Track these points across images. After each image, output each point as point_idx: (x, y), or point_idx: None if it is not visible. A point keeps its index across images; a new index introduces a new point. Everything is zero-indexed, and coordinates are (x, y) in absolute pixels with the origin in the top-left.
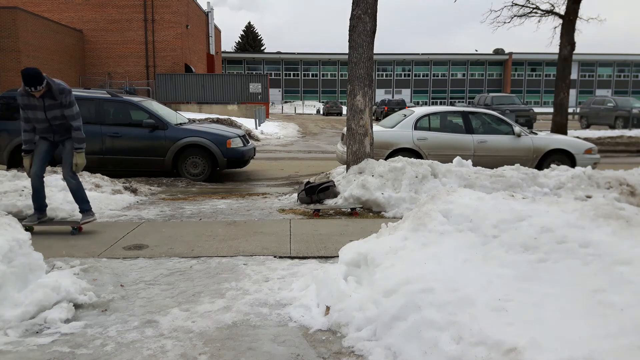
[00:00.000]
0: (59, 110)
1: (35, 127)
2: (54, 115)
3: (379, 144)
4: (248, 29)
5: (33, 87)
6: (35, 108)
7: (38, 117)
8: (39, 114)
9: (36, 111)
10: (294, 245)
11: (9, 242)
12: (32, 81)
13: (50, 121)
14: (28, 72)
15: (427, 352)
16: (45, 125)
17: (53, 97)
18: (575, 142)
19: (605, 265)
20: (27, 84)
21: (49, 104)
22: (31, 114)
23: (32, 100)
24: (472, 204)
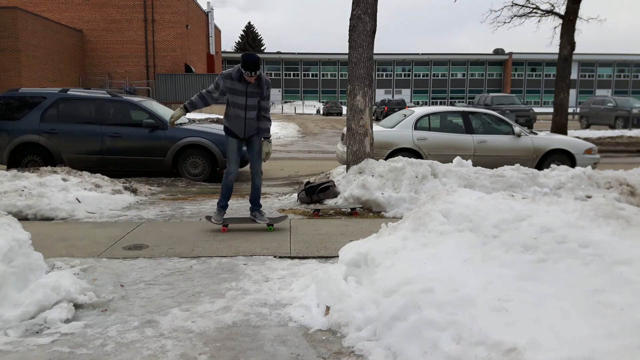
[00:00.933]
0: (257, 99)
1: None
2: (252, 104)
3: (379, 144)
4: (248, 29)
5: (253, 72)
6: (238, 93)
7: (238, 101)
8: (240, 99)
9: (238, 96)
10: (294, 245)
11: (9, 242)
12: (253, 66)
13: (247, 109)
14: (250, 57)
15: (427, 352)
16: (241, 114)
17: (259, 86)
18: (575, 142)
19: (605, 265)
20: (248, 68)
21: (251, 91)
22: (231, 98)
23: (235, 85)
24: (472, 204)
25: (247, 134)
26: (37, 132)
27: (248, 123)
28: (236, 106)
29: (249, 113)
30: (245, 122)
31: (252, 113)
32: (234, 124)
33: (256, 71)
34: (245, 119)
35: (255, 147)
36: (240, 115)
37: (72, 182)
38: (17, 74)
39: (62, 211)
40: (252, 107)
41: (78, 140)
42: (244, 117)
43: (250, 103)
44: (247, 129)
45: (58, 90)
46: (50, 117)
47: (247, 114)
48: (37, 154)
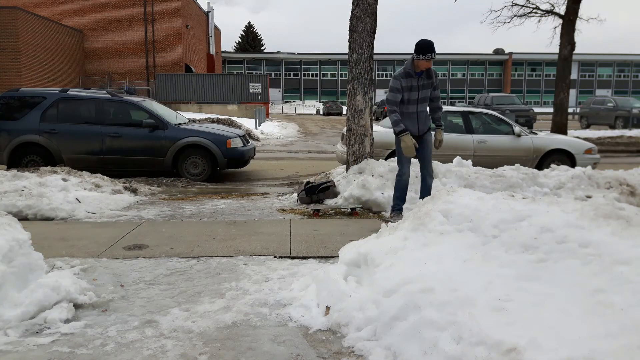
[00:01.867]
0: (429, 91)
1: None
2: (424, 96)
3: (379, 144)
4: (248, 29)
5: (431, 55)
6: (412, 89)
7: (411, 97)
8: (413, 95)
9: (412, 92)
10: (294, 245)
11: (9, 242)
12: (430, 48)
13: (419, 103)
14: (425, 40)
15: (427, 352)
16: (412, 109)
17: (429, 77)
18: (575, 142)
19: (605, 265)
20: (426, 51)
21: (423, 84)
22: (406, 95)
23: (410, 81)
24: (472, 204)
25: (421, 130)
26: (37, 132)
27: (420, 118)
28: (409, 102)
29: (420, 107)
30: (418, 116)
31: (423, 106)
32: (408, 122)
33: (432, 54)
34: (417, 112)
35: (428, 145)
36: (412, 111)
37: (72, 182)
38: (17, 74)
39: (62, 211)
40: (423, 100)
41: (78, 140)
42: (415, 111)
43: (422, 96)
44: (420, 124)
45: (58, 90)
46: (50, 117)
47: (418, 107)
48: (37, 154)
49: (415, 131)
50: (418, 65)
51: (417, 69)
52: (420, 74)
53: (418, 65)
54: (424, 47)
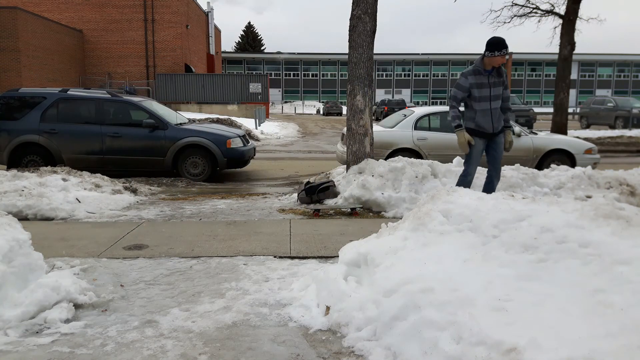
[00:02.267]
0: (500, 89)
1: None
2: (497, 94)
3: (379, 144)
4: (248, 29)
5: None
6: (482, 86)
7: (483, 94)
8: (485, 91)
9: (482, 89)
10: (294, 245)
11: (9, 242)
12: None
13: (492, 100)
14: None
15: (427, 352)
16: (486, 106)
17: (499, 75)
18: (575, 142)
19: (605, 265)
20: (498, 47)
21: (494, 81)
22: (477, 92)
23: (480, 79)
24: (472, 204)
25: (495, 128)
26: (37, 132)
27: (494, 115)
28: (481, 99)
29: (494, 103)
30: (492, 113)
31: (497, 103)
32: (482, 120)
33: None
34: (491, 109)
35: (499, 146)
36: (486, 108)
37: (72, 182)
38: (17, 74)
39: (62, 211)
40: (496, 97)
41: (78, 140)
42: (489, 108)
43: (495, 93)
44: (495, 122)
45: (58, 90)
46: (50, 117)
47: (492, 104)
48: (37, 154)
49: (490, 128)
50: (491, 62)
51: (488, 67)
52: (490, 71)
53: (491, 62)
54: (497, 43)
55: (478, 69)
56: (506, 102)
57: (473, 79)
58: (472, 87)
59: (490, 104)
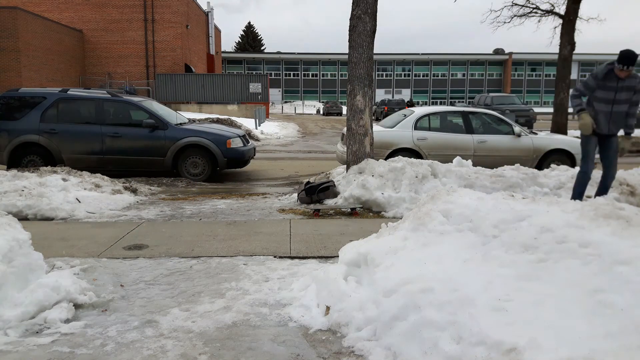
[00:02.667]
0: (628, 94)
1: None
2: (622, 98)
3: (379, 144)
4: (248, 29)
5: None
6: (608, 88)
7: (607, 97)
8: (609, 94)
9: (608, 91)
10: (294, 245)
11: (9, 242)
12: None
13: (614, 103)
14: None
15: (427, 352)
16: (607, 109)
17: (630, 81)
18: (575, 142)
19: (605, 265)
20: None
21: (622, 86)
22: (600, 93)
23: (608, 82)
24: (472, 204)
25: (610, 130)
26: (37, 132)
27: (613, 117)
28: (603, 101)
29: (616, 107)
30: (611, 115)
31: (621, 107)
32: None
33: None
34: (611, 112)
35: (613, 145)
36: (606, 110)
37: (72, 182)
38: (17, 74)
39: (62, 211)
40: (620, 101)
41: (78, 140)
42: (610, 110)
43: (620, 98)
44: (612, 124)
45: (58, 90)
46: (50, 117)
47: (613, 107)
48: (37, 154)
49: (606, 130)
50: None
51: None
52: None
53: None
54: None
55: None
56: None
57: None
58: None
59: (612, 107)
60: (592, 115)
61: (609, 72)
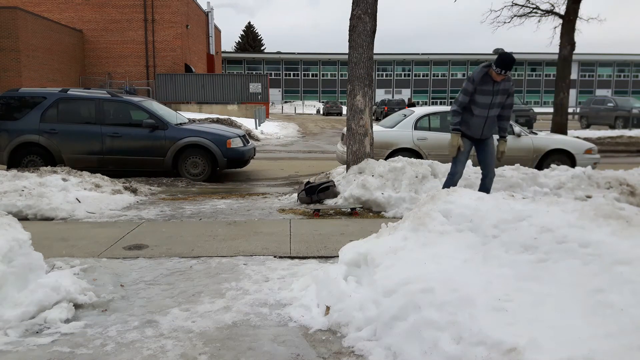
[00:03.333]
0: (503, 97)
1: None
2: (497, 102)
3: (379, 144)
4: (248, 29)
5: (504, 71)
6: (486, 92)
7: (485, 101)
8: (487, 99)
9: (485, 95)
10: (294, 245)
11: (9, 242)
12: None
13: (490, 107)
14: (508, 56)
15: (427, 352)
16: (483, 114)
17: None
18: (575, 142)
19: (605, 265)
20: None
21: (497, 89)
22: (479, 98)
23: (485, 86)
24: (472, 204)
25: (484, 135)
26: (37, 132)
27: (488, 122)
28: (480, 106)
29: (492, 111)
30: (486, 121)
31: (495, 111)
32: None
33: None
34: (487, 117)
35: (488, 148)
36: (483, 115)
37: (72, 182)
38: (17, 74)
39: (62, 211)
40: (495, 105)
41: (78, 140)
42: (486, 115)
43: (496, 101)
44: (486, 129)
45: (58, 90)
46: (50, 117)
47: (489, 112)
48: (37, 154)
49: (479, 134)
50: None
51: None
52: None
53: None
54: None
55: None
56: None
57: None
58: (478, 91)
59: (489, 112)
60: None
61: (485, 76)
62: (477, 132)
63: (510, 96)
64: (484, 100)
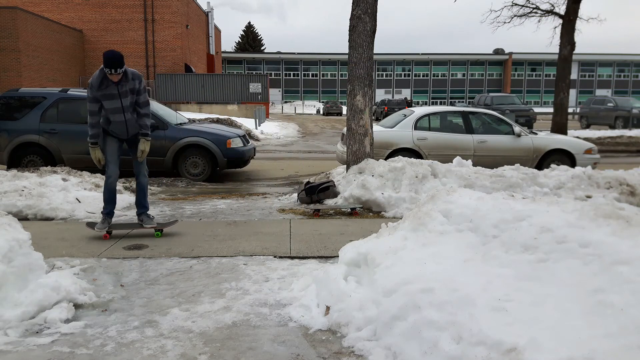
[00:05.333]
0: (131, 97)
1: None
2: (127, 103)
3: (379, 144)
4: (248, 29)
5: (114, 70)
6: (112, 97)
7: (115, 105)
8: (116, 103)
9: (113, 100)
10: (294, 245)
11: (9, 242)
12: (114, 63)
13: (124, 111)
14: (113, 54)
15: (427, 352)
16: (121, 119)
17: (127, 83)
18: (575, 142)
19: (605, 265)
20: (109, 65)
21: (123, 90)
22: (108, 104)
23: (108, 90)
24: (472, 204)
25: (130, 134)
26: (37, 132)
27: (129, 124)
28: (114, 111)
29: (127, 114)
30: (127, 124)
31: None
32: (115, 127)
33: (117, 69)
34: (126, 120)
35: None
36: (120, 119)
37: (72, 182)
38: (17, 74)
39: (62, 211)
40: (128, 107)
41: (78, 140)
42: (124, 120)
43: (127, 103)
44: (130, 129)
45: (58, 90)
46: (50, 117)
47: (125, 115)
48: (37, 154)
49: (125, 135)
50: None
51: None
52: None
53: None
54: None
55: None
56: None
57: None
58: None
59: (124, 115)
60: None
61: (105, 79)
62: (123, 133)
63: (140, 93)
64: (114, 105)
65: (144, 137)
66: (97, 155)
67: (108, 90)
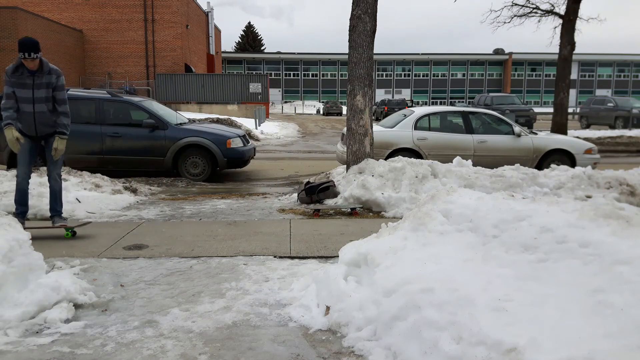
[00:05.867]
0: (46, 91)
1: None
2: (42, 96)
3: (379, 144)
4: (248, 29)
5: (28, 54)
6: (25, 86)
7: (26, 95)
8: (27, 93)
9: (25, 89)
10: (294, 245)
11: (9, 242)
12: (29, 48)
13: (35, 102)
14: (27, 39)
15: (427, 352)
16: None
17: (43, 76)
18: (575, 142)
19: (605, 265)
20: (22, 49)
21: (39, 83)
22: (19, 92)
23: (22, 78)
24: (472, 204)
25: (40, 132)
26: None
27: (38, 119)
28: (24, 101)
29: (38, 107)
30: (35, 117)
31: (42, 107)
32: (24, 122)
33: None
34: (34, 113)
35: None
36: (29, 111)
37: (72, 182)
38: None
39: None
40: (40, 99)
41: (78, 140)
42: (32, 111)
43: (39, 95)
44: (39, 126)
45: None
46: None
47: (35, 107)
48: None
49: (33, 132)
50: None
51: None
52: (34, 72)
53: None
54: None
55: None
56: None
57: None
58: (14, 85)
59: (34, 107)
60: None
61: (20, 67)
62: (31, 129)
63: (58, 90)
64: (25, 95)
65: (59, 135)
66: (15, 134)
67: (22, 78)
